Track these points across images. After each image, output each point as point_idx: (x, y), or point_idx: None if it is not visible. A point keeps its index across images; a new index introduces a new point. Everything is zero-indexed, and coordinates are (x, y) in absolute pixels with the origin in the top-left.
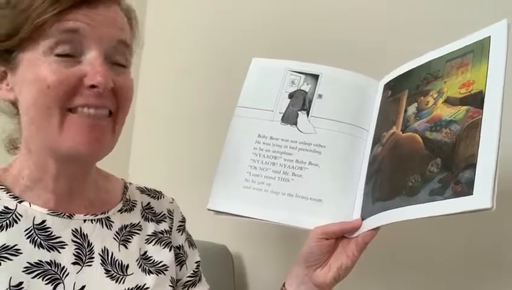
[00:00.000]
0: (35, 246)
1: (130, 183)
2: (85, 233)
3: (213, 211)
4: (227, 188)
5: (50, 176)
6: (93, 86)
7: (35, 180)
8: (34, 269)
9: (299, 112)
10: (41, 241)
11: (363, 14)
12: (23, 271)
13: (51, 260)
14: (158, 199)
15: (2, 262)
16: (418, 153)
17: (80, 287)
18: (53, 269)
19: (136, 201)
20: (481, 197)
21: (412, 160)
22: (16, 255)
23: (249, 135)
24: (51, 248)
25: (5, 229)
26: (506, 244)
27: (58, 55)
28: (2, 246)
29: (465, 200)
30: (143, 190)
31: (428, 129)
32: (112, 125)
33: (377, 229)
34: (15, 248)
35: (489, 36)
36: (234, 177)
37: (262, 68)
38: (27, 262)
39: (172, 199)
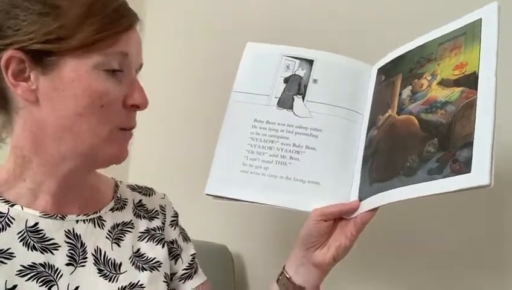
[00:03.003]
0: (28, 248)
1: (120, 182)
2: (78, 234)
3: (211, 195)
4: (225, 172)
5: (56, 179)
6: (135, 106)
7: (39, 182)
8: (28, 271)
9: (295, 97)
10: (35, 244)
11: (356, 1)
12: (17, 274)
13: (44, 262)
14: (150, 196)
15: None
16: (415, 134)
17: (74, 288)
18: (47, 270)
19: (127, 199)
20: (479, 174)
21: (408, 141)
22: (10, 259)
23: (246, 120)
24: (44, 250)
25: None
26: (507, 243)
27: (106, 70)
28: None
29: (463, 178)
30: (134, 188)
31: (423, 111)
32: None
33: (375, 209)
34: (8, 251)
35: (480, 18)
36: (232, 162)
37: (256, 53)
38: (20, 265)
39: (164, 195)
